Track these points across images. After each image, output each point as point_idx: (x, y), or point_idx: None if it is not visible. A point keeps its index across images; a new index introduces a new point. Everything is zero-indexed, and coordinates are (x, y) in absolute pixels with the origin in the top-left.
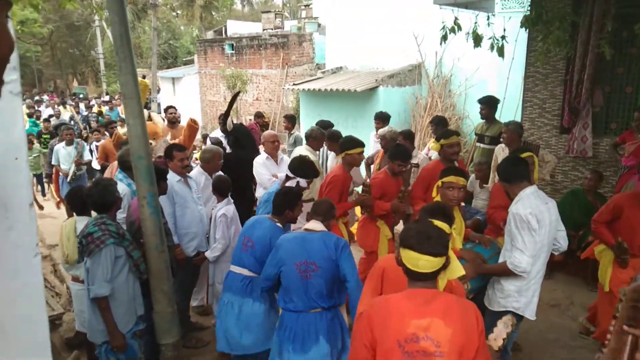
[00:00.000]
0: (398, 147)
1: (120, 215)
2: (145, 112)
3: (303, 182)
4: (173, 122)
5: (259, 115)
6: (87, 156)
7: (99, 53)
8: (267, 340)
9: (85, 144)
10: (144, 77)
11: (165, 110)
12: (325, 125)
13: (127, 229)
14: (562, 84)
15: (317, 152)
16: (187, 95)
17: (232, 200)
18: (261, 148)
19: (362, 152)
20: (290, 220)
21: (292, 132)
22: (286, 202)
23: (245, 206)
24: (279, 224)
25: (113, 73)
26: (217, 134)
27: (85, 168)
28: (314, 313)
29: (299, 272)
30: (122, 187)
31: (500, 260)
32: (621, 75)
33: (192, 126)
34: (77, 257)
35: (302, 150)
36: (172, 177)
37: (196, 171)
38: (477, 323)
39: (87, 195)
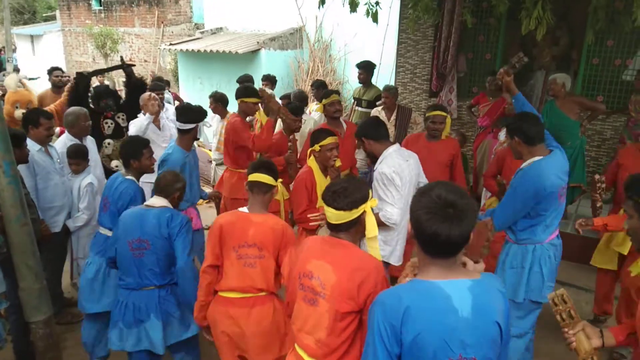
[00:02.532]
0: (294, 105)
1: None
2: (15, 76)
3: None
4: (59, 86)
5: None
6: None
7: None
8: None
9: None
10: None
11: (50, 72)
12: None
13: None
14: (431, 51)
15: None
16: (49, 55)
17: (91, 169)
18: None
19: (258, 102)
20: (142, 171)
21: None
22: (129, 153)
23: None
24: (129, 177)
25: None
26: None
27: None
28: (147, 291)
29: (130, 250)
30: None
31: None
32: (482, 42)
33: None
34: None
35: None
36: (32, 146)
37: (63, 138)
38: (369, 285)
39: None
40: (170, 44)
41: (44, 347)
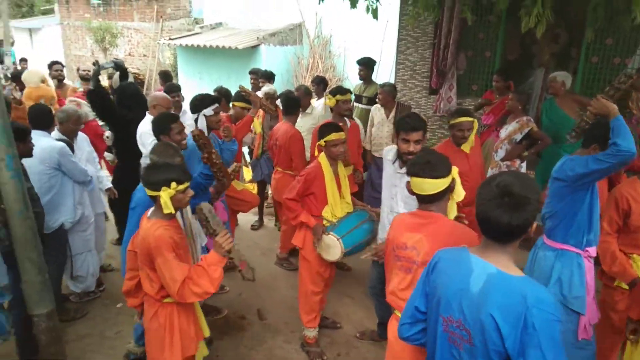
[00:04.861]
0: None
1: None
2: (35, 71)
3: (208, 111)
4: (60, 79)
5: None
6: None
7: None
8: None
9: None
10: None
11: (50, 66)
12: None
13: None
14: (431, 48)
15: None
16: (47, 48)
17: None
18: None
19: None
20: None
21: None
22: (157, 130)
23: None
24: None
25: None
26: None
27: None
28: None
29: None
30: None
31: None
32: (482, 40)
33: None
34: None
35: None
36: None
37: (53, 134)
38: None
39: None
40: (170, 39)
41: (46, 340)
